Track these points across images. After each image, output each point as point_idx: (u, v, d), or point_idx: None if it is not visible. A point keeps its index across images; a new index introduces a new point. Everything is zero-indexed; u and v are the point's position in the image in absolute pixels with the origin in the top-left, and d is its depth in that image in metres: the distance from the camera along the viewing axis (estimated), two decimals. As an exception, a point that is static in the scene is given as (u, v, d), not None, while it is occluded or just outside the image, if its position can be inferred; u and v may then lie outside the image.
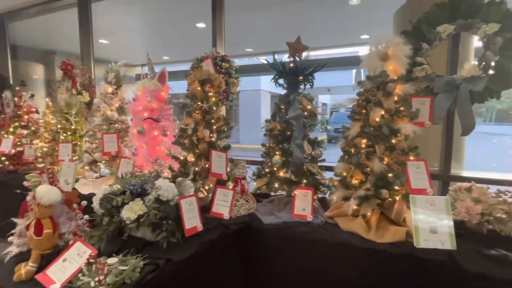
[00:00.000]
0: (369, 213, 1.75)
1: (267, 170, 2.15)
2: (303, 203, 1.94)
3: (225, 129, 2.20)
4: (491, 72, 1.84)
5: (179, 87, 3.16)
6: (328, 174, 2.16)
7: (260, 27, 5.78)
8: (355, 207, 1.76)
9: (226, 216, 1.94)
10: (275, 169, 2.10)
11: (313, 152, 2.05)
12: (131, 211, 1.52)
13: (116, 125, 2.86)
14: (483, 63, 1.86)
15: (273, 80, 2.13)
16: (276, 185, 2.12)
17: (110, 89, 2.92)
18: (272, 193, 2.32)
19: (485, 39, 1.84)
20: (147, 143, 2.54)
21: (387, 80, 1.73)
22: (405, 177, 1.67)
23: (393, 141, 1.72)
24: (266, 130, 2.16)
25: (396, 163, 1.70)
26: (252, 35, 6.41)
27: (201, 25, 5.52)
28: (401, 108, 1.74)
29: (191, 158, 2.09)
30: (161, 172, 1.89)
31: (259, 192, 2.33)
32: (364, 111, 1.80)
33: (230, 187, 2.06)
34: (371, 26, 5.41)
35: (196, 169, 2.09)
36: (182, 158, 2.15)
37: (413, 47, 1.93)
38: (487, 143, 15.13)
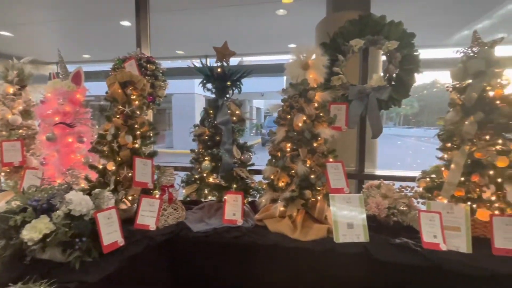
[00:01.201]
0: (295, 213, 1.83)
1: (196, 176, 2.10)
2: (233, 208, 1.94)
3: (151, 135, 2.07)
4: (393, 83, 2.12)
5: (102, 88, 2.89)
6: (258, 178, 2.21)
7: (191, 29, 5.67)
8: (282, 208, 1.83)
9: (153, 227, 1.83)
10: (204, 175, 2.06)
11: (242, 157, 2.08)
12: (34, 230, 1.32)
13: (20, 131, 2.48)
14: (387, 75, 2.13)
15: (200, 85, 2.09)
16: (206, 191, 2.08)
17: (11, 90, 2.51)
18: (203, 200, 2.28)
19: (388, 54, 2.11)
20: (59, 151, 2.25)
21: (308, 87, 1.84)
22: (325, 177, 1.80)
23: (315, 144, 1.85)
24: (194, 136, 2.11)
25: (317, 165, 1.82)
26: (183, 37, 6.25)
27: (125, 23, 5.17)
28: (321, 114, 1.88)
29: (111, 166, 1.92)
30: (75, 184, 1.69)
31: (189, 199, 2.25)
32: (288, 116, 1.89)
33: (157, 196, 1.96)
34: (297, 36, 5.76)
35: (118, 178, 1.93)
36: (100, 167, 1.96)
37: (330, 58, 2.11)
38: (395, 144, 17.44)
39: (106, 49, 6.78)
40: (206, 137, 2.08)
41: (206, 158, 2.04)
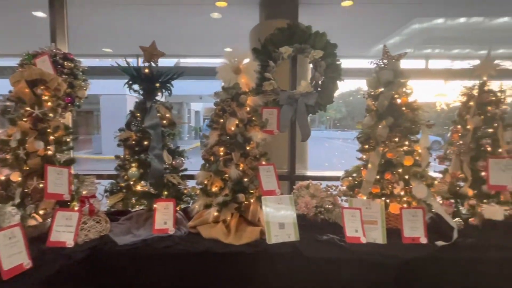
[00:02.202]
0: (229, 218, 1.82)
1: (122, 184, 1.94)
2: (164, 216, 1.84)
3: (68, 140, 1.86)
4: (319, 89, 2.27)
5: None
6: (192, 183, 2.14)
7: (121, 27, 5.29)
8: (215, 213, 1.80)
9: (70, 243, 1.63)
10: (131, 182, 1.92)
11: (173, 162, 1.99)
12: None
13: None
14: (314, 82, 2.27)
15: (126, 86, 1.95)
16: (134, 200, 1.94)
17: None
18: (132, 209, 2.12)
19: (314, 62, 2.25)
20: None
21: (240, 92, 1.86)
22: (258, 180, 1.83)
23: (247, 148, 1.87)
24: (120, 140, 1.95)
25: (250, 168, 1.84)
26: (111, 34, 5.79)
27: (39, 13, 4.57)
28: (253, 118, 1.91)
29: (16, 177, 1.66)
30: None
31: (115, 210, 2.07)
32: (221, 120, 1.88)
33: (76, 209, 1.75)
34: (234, 40, 5.81)
35: (26, 190, 1.68)
36: (2, 178, 1.68)
37: (262, 64, 2.17)
38: (324, 146, 18.87)
39: (16, 42, 5.91)
40: (133, 142, 1.94)
41: (133, 164, 1.90)
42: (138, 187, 1.92)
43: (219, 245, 1.69)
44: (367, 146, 1.92)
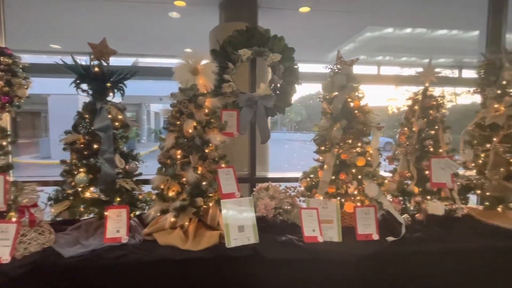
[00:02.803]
0: (186, 223, 1.77)
1: (69, 191, 1.79)
2: (116, 224, 1.74)
3: (4, 144, 1.68)
4: (278, 92, 2.30)
5: None
6: (148, 188, 2.04)
7: (69, 22, 4.93)
8: (172, 219, 1.74)
9: (5, 258, 1.47)
10: (79, 189, 1.78)
11: (127, 166, 1.89)
12: None
13: None
14: (272, 85, 2.30)
15: (73, 85, 1.81)
16: (82, 208, 1.80)
17: None
18: (81, 218, 1.97)
19: (272, 66, 2.28)
20: None
21: (198, 93, 1.82)
22: (217, 183, 1.80)
23: (206, 151, 1.83)
24: (66, 144, 1.80)
25: (208, 171, 1.80)
26: (60, 29, 5.37)
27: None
28: (212, 120, 1.88)
29: None
30: None
31: (61, 219, 1.91)
32: (178, 122, 1.82)
33: (13, 220, 1.58)
34: (195, 41, 5.71)
35: (-50, 201, 1.48)
36: None
37: (221, 65, 2.14)
38: (284, 148, 19.30)
39: None
40: (81, 145, 1.81)
41: (81, 169, 1.76)
42: (87, 194, 1.79)
43: (176, 252, 1.63)
44: (323, 148, 1.98)
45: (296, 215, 1.94)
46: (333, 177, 1.91)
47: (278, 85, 2.29)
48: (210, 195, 1.82)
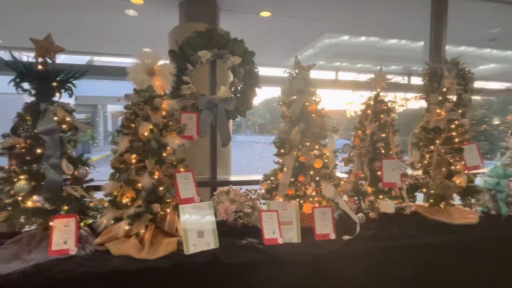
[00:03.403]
0: (142, 231, 1.68)
1: (7, 201, 1.62)
2: (64, 235, 1.60)
3: None
4: (238, 95, 2.30)
5: None
6: (101, 195, 1.91)
7: (14, 14, 4.49)
8: (127, 227, 1.65)
9: None
10: (19, 198, 1.62)
11: (76, 172, 1.75)
12: None
13: None
14: (233, 88, 2.29)
15: (13, 83, 1.64)
16: (23, 219, 1.64)
17: None
18: (23, 230, 1.79)
19: (233, 69, 2.28)
20: None
21: (154, 95, 1.75)
22: (175, 188, 1.74)
23: (163, 154, 1.76)
24: (3, 148, 1.63)
25: (166, 176, 1.74)
26: (2, 22, 4.88)
27: None
28: (170, 123, 1.82)
29: None
30: None
31: (-3, 232, 1.72)
32: (133, 125, 1.74)
33: None
34: (152, 40, 5.51)
35: None
36: None
37: (180, 67, 2.09)
38: (246, 150, 19.41)
39: None
40: (22, 150, 1.64)
41: (22, 176, 1.60)
42: (29, 203, 1.63)
43: (131, 262, 1.55)
44: (282, 151, 2.01)
45: (256, 218, 1.94)
46: (293, 179, 1.95)
47: (239, 88, 2.29)
48: (168, 200, 1.76)
